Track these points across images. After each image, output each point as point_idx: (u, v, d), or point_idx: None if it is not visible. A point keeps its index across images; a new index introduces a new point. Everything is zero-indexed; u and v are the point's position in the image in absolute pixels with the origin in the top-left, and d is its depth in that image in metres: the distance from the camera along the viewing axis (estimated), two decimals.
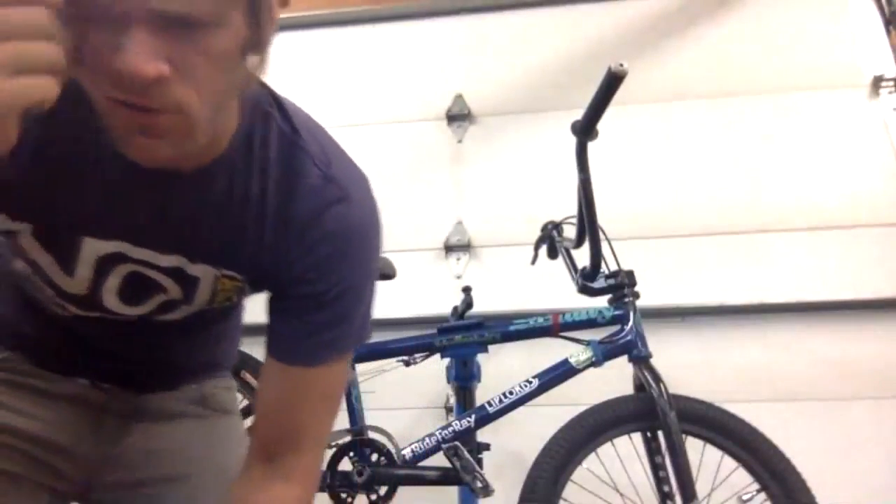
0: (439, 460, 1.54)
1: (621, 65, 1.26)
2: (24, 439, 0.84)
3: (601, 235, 1.57)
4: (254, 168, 0.72)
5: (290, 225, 0.73)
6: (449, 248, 2.37)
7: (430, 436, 1.55)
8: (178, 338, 0.88)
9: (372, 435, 1.61)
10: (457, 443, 1.51)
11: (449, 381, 1.82)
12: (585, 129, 1.41)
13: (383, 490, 1.58)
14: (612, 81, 1.29)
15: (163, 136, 0.59)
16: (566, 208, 1.72)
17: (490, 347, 1.67)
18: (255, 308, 0.89)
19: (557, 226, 1.80)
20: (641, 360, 1.53)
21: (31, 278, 0.77)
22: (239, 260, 0.76)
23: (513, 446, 1.88)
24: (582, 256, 1.63)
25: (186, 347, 0.93)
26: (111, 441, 0.90)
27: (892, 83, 2.34)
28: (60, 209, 0.68)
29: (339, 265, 0.75)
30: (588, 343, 1.55)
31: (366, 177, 0.80)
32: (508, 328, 1.63)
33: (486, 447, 1.67)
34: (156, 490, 0.90)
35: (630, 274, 1.61)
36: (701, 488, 1.45)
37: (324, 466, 1.55)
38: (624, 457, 1.56)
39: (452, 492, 1.70)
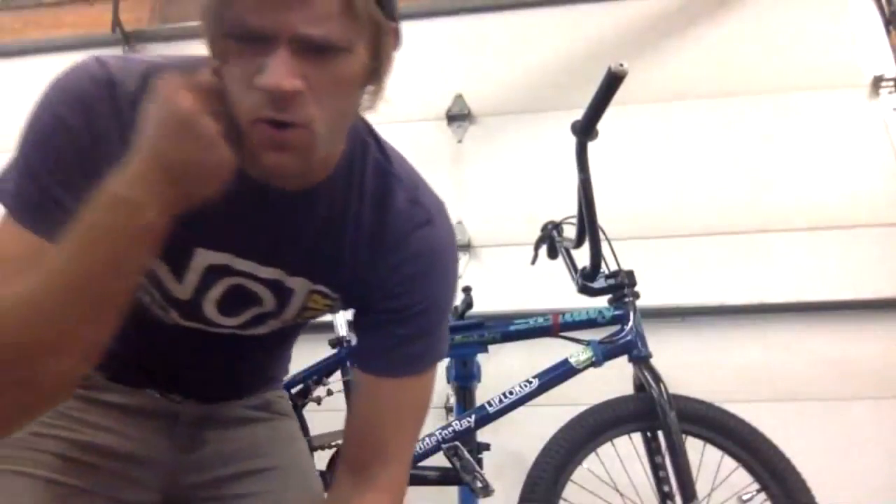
0: (439, 460, 1.54)
1: (621, 65, 1.26)
2: (102, 455, 0.87)
3: (601, 235, 1.57)
4: (353, 191, 0.80)
5: (381, 245, 0.81)
6: None
7: (430, 436, 1.55)
8: (254, 353, 0.95)
9: None
10: (457, 443, 1.51)
11: (449, 381, 1.81)
12: (585, 129, 1.40)
13: None
14: (612, 81, 1.29)
15: (291, 150, 0.66)
16: (566, 208, 1.72)
17: (490, 347, 1.67)
18: None
19: (557, 226, 1.79)
20: (641, 360, 1.53)
21: (142, 280, 0.80)
22: (334, 276, 0.83)
23: (513, 446, 1.88)
24: (582, 256, 1.63)
25: (258, 362, 1.01)
26: (186, 448, 0.93)
27: (892, 83, 2.35)
28: (179, 221, 0.72)
29: (422, 283, 0.83)
30: (588, 343, 1.55)
31: (445, 204, 0.88)
32: (508, 328, 1.63)
33: (486, 447, 1.67)
34: (235, 486, 0.93)
35: (630, 274, 1.60)
36: (701, 488, 1.45)
37: (323, 466, 1.55)
38: (624, 457, 1.56)
39: (452, 492, 1.70)
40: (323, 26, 0.62)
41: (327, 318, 0.91)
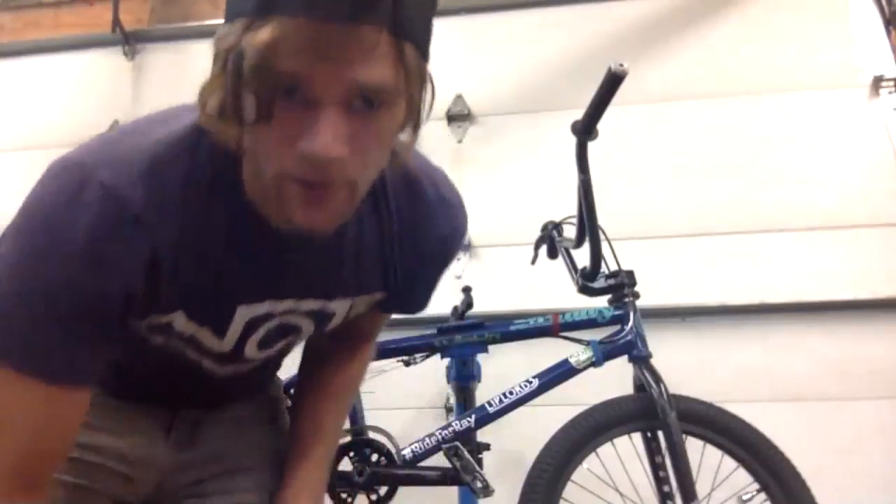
0: (439, 460, 1.54)
1: (621, 65, 1.26)
2: (102, 454, 0.88)
3: (601, 235, 1.57)
4: (381, 207, 0.80)
5: (417, 246, 0.84)
6: None
7: (430, 436, 1.55)
8: (264, 368, 0.96)
9: (372, 435, 1.61)
10: (457, 443, 1.51)
11: (449, 381, 1.81)
12: (585, 129, 1.40)
13: (383, 490, 1.57)
14: (612, 81, 1.29)
15: (329, 209, 0.63)
16: (566, 208, 1.72)
17: (490, 347, 1.67)
18: None
19: (557, 226, 1.79)
20: (641, 360, 1.53)
21: (171, 346, 0.79)
22: (376, 284, 0.85)
23: (513, 446, 1.88)
24: (582, 256, 1.63)
25: (264, 375, 1.03)
26: (182, 447, 0.94)
27: (892, 83, 2.34)
28: (212, 289, 0.72)
29: (442, 268, 0.91)
30: (588, 343, 1.55)
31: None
32: (508, 328, 1.63)
33: (486, 447, 1.67)
34: (222, 482, 0.95)
35: (630, 274, 1.60)
36: (701, 488, 1.45)
37: None
38: (624, 457, 1.56)
39: (452, 492, 1.70)
40: (380, 75, 0.57)
41: None
